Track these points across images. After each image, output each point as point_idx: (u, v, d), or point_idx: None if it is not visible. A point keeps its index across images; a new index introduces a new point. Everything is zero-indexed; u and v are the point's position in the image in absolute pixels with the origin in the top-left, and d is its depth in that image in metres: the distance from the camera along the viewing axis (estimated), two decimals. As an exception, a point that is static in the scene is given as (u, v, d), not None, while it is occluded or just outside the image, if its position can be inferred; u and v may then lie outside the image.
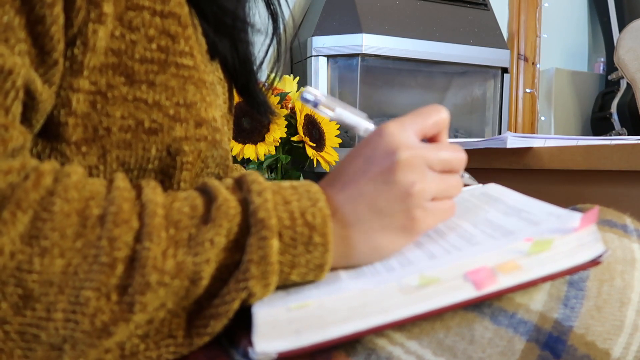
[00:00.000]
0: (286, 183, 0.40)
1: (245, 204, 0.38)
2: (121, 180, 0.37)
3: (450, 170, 0.43)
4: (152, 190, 0.37)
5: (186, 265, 0.35)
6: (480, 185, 0.54)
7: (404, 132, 0.41)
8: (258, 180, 0.39)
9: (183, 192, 0.39)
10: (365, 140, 0.43)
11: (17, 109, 0.36)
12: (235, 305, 0.36)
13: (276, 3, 0.60)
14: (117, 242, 0.34)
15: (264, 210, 0.37)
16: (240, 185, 0.39)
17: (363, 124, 0.46)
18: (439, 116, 0.44)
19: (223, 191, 0.38)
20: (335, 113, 0.45)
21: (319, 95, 0.44)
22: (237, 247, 0.37)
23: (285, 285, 0.39)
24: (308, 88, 0.45)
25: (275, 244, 0.36)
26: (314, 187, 0.40)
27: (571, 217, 0.39)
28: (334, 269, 0.41)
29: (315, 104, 0.44)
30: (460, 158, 0.43)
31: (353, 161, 0.42)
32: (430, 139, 0.45)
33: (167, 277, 0.34)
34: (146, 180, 0.39)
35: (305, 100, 0.44)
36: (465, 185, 0.49)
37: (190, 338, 0.37)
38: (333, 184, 0.42)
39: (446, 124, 0.44)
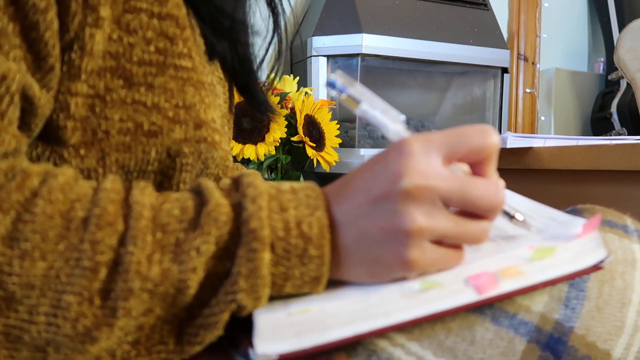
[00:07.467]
0: (286, 185, 0.38)
1: (238, 209, 0.36)
2: (110, 182, 0.36)
3: (474, 212, 0.36)
4: (141, 191, 0.36)
5: (172, 273, 0.34)
6: None
7: (426, 154, 0.35)
8: (254, 183, 0.36)
9: (176, 193, 0.37)
10: (385, 151, 0.36)
11: (13, 113, 0.36)
12: (225, 316, 0.35)
13: (277, 0, 0.60)
14: (99, 245, 0.33)
15: (257, 220, 0.34)
16: (236, 187, 0.37)
17: (391, 126, 0.38)
18: (481, 140, 0.36)
19: (216, 195, 0.36)
20: (360, 109, 0.38)
21: (347, 83, 0.38)
22: (228, 255, 0.35)
23: None
24: (338, 72, 0.38)
25: (266, 256, 0.34)
26: (315, 191, 0.37)
27: (573, 224, 0.39)
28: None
29: (341, 92, 0.38)
30: (491, 202, 0.35)
31: (363, 173, 0.37)
32: (474, 167, 0.37)
33: (150, 284, 0.33)
34: (137, 181, 0.38)
35: (331, 86, 0.38)
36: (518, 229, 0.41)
37: (182, 345, 0.36)
38: (339, 192, 0.37)
39: (492, 151, 0.36)
